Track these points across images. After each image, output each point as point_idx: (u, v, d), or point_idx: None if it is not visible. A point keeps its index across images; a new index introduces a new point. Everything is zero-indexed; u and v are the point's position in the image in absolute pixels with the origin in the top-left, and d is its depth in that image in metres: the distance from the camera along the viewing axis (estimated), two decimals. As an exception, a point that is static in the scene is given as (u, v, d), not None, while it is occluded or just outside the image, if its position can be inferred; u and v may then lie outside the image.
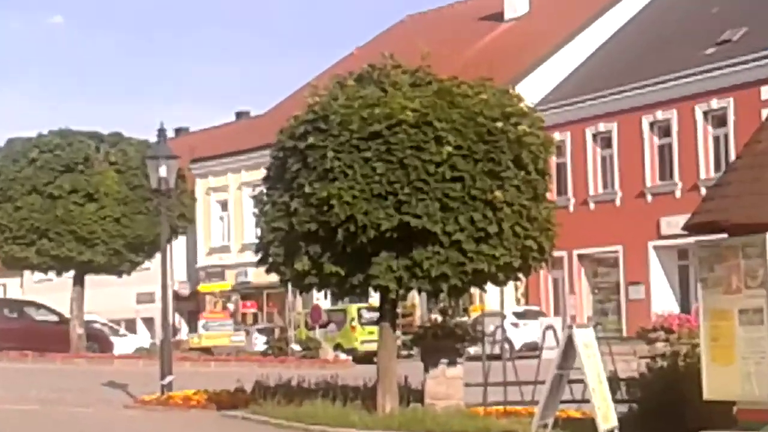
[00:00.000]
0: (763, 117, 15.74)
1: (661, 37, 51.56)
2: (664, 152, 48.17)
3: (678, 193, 46.10)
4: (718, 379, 13.95)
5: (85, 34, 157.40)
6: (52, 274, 46.63)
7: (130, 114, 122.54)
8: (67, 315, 44.50)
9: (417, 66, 19.89)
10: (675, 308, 42.68)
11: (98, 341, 46.47)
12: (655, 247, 47.47)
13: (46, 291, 55.36)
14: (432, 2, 76.11)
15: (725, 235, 14.06)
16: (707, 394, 13.99)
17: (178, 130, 68.64)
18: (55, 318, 46.71)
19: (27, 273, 60.09)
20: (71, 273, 43.67)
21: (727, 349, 13.81)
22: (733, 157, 29.68)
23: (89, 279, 44.11)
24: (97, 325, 49.28)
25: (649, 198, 48.07)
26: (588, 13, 56.29)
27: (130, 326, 59.98)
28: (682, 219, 16.90)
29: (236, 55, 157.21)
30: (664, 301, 45.99)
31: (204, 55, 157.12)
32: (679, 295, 45.83)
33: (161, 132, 28.53)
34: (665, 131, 48.14)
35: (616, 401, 15.73)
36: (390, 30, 69.09)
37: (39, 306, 49.53)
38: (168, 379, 24.64)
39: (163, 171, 26.20)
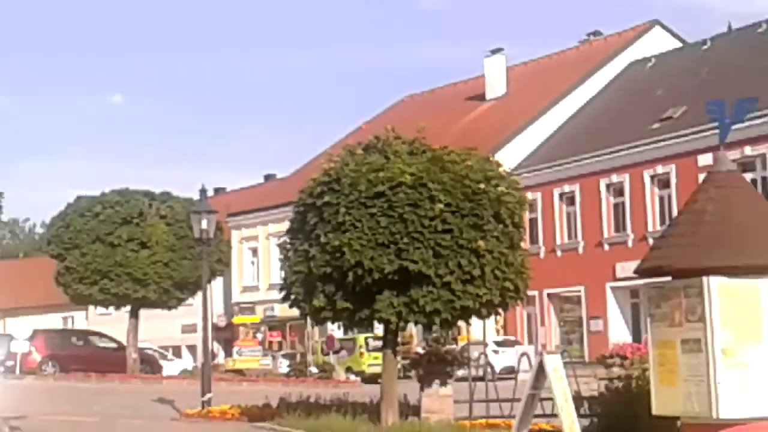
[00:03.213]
0: (700, 180, 15.60)
1: (615, 113, 51.72)
2: (618, 209, 48.18)
3: (630, 243, 46.01)
4: (664, 397, 13.87)
5: (140, 109, 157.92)
6: (112, 309, 46.52)
7: (177, 176, 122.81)
8: (124, 342, 44.44)
9: (414, 138, 19.96)
10: (628, 338, 42.45)
11: (150, 364, 46.39)
12: (612, 288, 47.38)
13: (107, 322, 55.19)
14: (426, 85, 76.55)
15: (669, 278, 14.02)
16: (656, 410, 13.90)
17: (216, 190, 68.85)
18: (114, 345, 46.69)
19: (91, 307, 60.02)
20: (128, 307, 43.64)
21: (671, 373, 13.73)
22: (675, 213, 29.66)
23: (143, 312, 44.05)
24: (149, 351, 49.14)
25: (606, 247, 48.05)
26: (555, 94, 56.39)
27: (176, 352, 59.84)
28: (633, 264, 16.81)
29: (264, 128, 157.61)
30: (619, 332, 45.82)
31: (238, 130, 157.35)
32: (631, 328, 45.64)
33: (203, 191, 28.64)
34: (619, 191, 48.18)
35: (580, 416, 15.63)
36: (392, 108, 69.31)
37: (101, 335, 49.55)
38: (207, 396, 24.56)
39: (204, 223, 26.27)
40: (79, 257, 42.59)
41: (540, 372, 15.26)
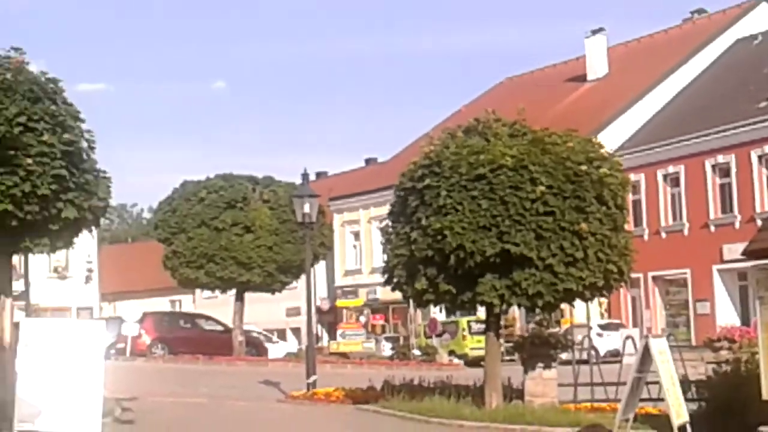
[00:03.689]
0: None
1: (721, 92, 50.81)
2: (725, 190, 47.36)
3: (737, 224, 45.23)
4: (775, 381, 13.64)
5: (243, 96, 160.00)
6: (217, 292, 47.21)
7: (280, 161, 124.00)
8: (230, 325, 45.02)
9: (514, 120, 19.87)
10: (737, 322, 41.91)
11: (255, 347, 46.90)
12: (719, 270, 46.61)
13: (213, 306, 56.01)
14: (526, 67, 75.99)
15: (778, 260, 13.77)
16: (766, 395, 13.70)
17: (318, 174, 68.89)
18: (220, 328, 47.31)
19: (198, 291, 60.94)
20: (233, 291, 44.17)
21: (783, 355, 13.52)
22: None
23: (248, 296, 44.55)
24: (254, 334, 49.73)
25: (713, 228, 47.28)
26: (657, 74, 55.66)
27: (281, 335, 60.34)
28: (741, 246, 16.56)
29: (365, 112, 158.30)
30: (727, 315, 45.17)
31: (339, 114, 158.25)
32: (739, 311, 44.81)
33: (305, 176, 28.72)
34: (725, 172, 47.35)
35: (687, 400, 15.53)
36: (491, 90, 69.00)
37: (208, 318, 50.22)
38: (312, 378, 24.73)
39: (306, 207, 26.38)
40: (186, 241, 43.21)
41: (645, 355, 15.14)
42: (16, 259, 18.79)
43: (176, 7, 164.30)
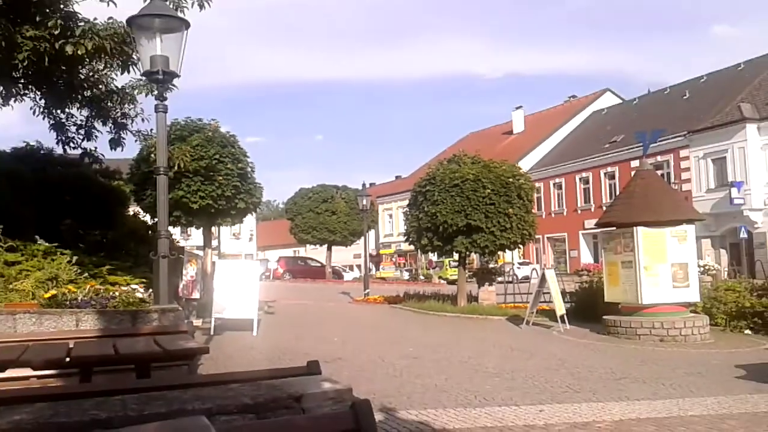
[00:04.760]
0: (632, 175, 15.14)
1: (583, 139, 50.40)
2: (587, 191, 47.25)
3: (593, 209, 44.81)
4: (611, 292, 13.63)
5: (332, 142, 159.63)
6: (317, 246, 46.93)
7: (350, 176, 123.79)
8: (324, 263, 45.34)
9: (474, 154, 19.73)
10: (591, 261, 41.81)
11: (337, 274, 47.07)
12: (582, 234, 46.45)
13: (315, 253, 55.98)
14: (482, 126, 75.28)
15: (614, 228, 13.71)
16: (607, 299, 13.69)
17: (371, 184, 68.15)
18: (319, 264, 47.49)
19: (308, 245, 60.75)
20: (325, 245, 44.08)
21: (615, 278, 13.48)
22: (617, 192, 28.76)
23: (333, 248, 44.58)
24: (337, 267, 49.83)
25: (579, 212, 47.07)
26: (550, 129, 55.60)
27: (351, 268, 59.61)
28: (593, 221, 16.48)
29: (394, 147, 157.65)
30: (586, 258, 45.09)
31: (381, 152, 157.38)
32: (593, 255, 44.50)
33: (363, 185, 28.93)
34: (586, 181, 47.13)
35: (564, 302, 15.45)
36: (462, 139, 67.89)
37: (313, 259, 50.70)
38: (367, 291, 24.82)
39: (364, 201, 26.47)
40: (301, 219, 43.54)
41: (543, 279, 15.12)
42: (214, 230, 19.03)
43: (292, 97, 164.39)
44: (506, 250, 19.84)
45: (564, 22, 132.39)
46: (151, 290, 8.23)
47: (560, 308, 14.38)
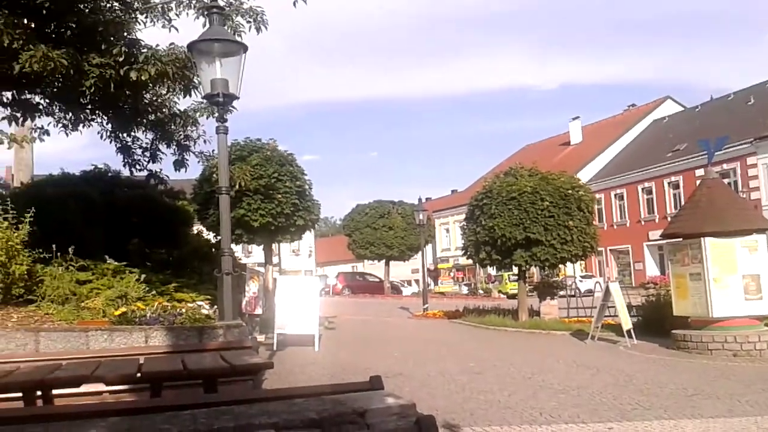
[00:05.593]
0: (697, 183, 14.67)
1: (644, 149, 49.16)
2: (650, 201, 46.07)
3: (657, 220, 43.81)
4: (679, 305, 13.17)
5: (387, 159, 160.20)
6: (375, 261, 47.23)
7: (407, 191, 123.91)
8: (382, 278, 45.41)
9: (531, 166, 19.51)
10: (657, 273, 40.70)
11: (395, 289, 47.15)
12: (647, 245, 45.26)
13: (373, 268, 56.10)
14: (539, 137, 74.19)
15: (680, 239, 13.28)
16: (676, 312, 13.24)
17: (426, 199, 68.09)
18: (377, 279, 47.60)
19: (365, 260, 60.73)
20: (383, 260, 44.30)
21: (683, 290, 13.03)
22: (682, 202, 27.87)
23: (391, 262, 44.70)
24: (395, 282, 49.90)
25: (643, 222, 45.91)
26: (609, 140, 54.55)
27: (409, 283, 59.63)
28: (658, 232, 16.04)
29: (451, 163, 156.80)
30: (651, 270, 43.90)
31: (436, 167, 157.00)
32: (659, 268, 43.17)
33: (419, 200, 28.75)
34: (649, 191, 45.90)
35: (630, 316, 15.05)
36: (518, 152, 67.04)
37: (370, 274, 50.85)
38: (425, 306, 24.72)
39: (421, 216, 26.47)
40: (359, 235, 43.76)
41: (607, 292, 14.75)
42: (275, 246, 19.31)
43: (346, 115, 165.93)
44: (567, 263, 19.44)
45: (618, 30, 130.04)
46: (215, 306, 8.39)
47: (626, 322, 13.97)
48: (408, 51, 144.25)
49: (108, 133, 11.58)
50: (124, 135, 11.64)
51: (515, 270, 19.25)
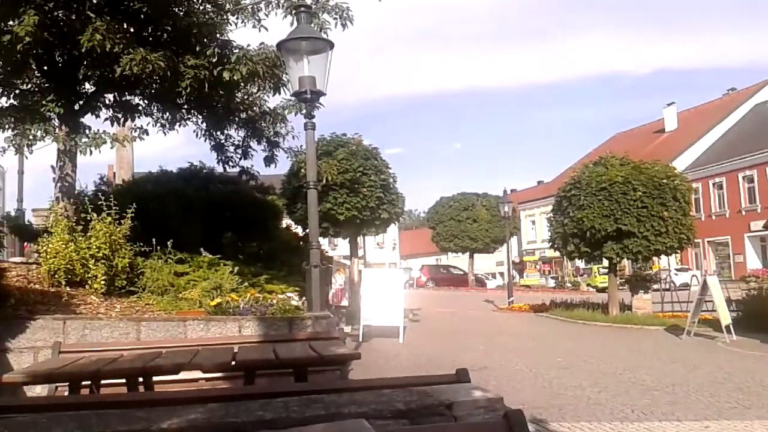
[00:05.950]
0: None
1: (745, 135, 46.46)
2: (751, 190, 43.49)
3: (759, 210, 41.28)
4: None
5: (470, 150, 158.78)
6: (460, 253, 46.90)
7: (491, 183, 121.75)
8: (467, 270, 45.18)
9: (622, 155, 18.90)
10: (759, 266, 38.56)
11: (480, 282, 46.80)
12: (748, 236, 42.81)
13: (457, 260, 55.83)
14: (630, 125, 71.30)
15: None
16: (778, 308, 12.53)
17: (512, 190, 67.34)
18: (462, 272, 47.51)
19: (449, 252, 60.35)
20: (467, 253, 44.11)
21: (788, 286, 12.31)
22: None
23: (476, 255, 44.41)
24: (479, 275, 49.46)
25: (743, 213, 43.41)
26: (706, 126, 51.75)
27: (494, 276, 58.87)
28: (761, 222, 15.15)
29: (536, 153, 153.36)
30: (753, 262, 41.54)
31: (523, 157, 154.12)
32: (761, 260, 40.75)
33: (504, 191, 28.24)
34: (750, 179, 43.40)
35: (730, 311, 14.36)
36: (609, 140, 64.57)
37: (455, 267, 50.73)
38: (511, 299, 24.45)
39: (506, 208, 26.06)
40: (443, 228, 43.71)
41: (705, 286, 14.15)
42: (360, 239, 19.56)
43: (429, 107, 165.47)
44: (662, 256, 18.76)
45: (715, 9, 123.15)
46: (304, 298, 8.61)
47: (725, 317, 13.33)
48: (492, 38, 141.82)
49: (202, 132, 12.04)
50: (218, 133, 12.07)
51: (605, 263, 18.72)
